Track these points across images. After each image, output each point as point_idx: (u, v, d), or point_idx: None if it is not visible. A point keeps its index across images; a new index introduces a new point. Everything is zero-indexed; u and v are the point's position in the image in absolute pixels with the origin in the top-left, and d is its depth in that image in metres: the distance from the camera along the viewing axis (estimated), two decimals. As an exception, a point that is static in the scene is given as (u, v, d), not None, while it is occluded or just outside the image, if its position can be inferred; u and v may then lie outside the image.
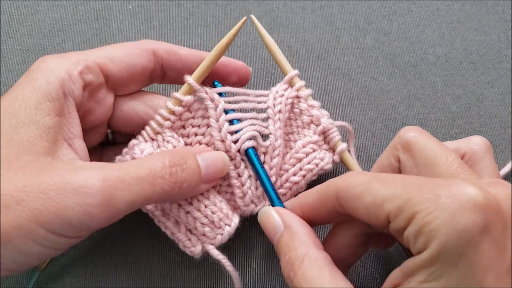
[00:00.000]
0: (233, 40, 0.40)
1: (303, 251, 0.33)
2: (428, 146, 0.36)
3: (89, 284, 0.43)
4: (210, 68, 0.40)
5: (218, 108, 0.40)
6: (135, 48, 0.40)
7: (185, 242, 0.39)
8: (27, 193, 0.29)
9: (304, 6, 0.53)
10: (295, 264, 0.33)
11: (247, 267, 0.44)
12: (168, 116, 0.40)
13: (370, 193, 0.32)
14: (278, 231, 0.36)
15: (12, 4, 0.53)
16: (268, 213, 0.37)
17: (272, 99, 0.42)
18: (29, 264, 0.33)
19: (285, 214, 0.37)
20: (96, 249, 0.44)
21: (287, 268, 0.33)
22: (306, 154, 0.42)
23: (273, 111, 0.42)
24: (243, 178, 0.41)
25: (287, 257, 0.34)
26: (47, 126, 0.33)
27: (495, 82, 0.50)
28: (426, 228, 0.28)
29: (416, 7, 0.53)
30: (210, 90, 0.41)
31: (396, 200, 0.30)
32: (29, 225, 0.29)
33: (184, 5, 0.53)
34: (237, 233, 0.40)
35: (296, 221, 0.36)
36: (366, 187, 0.32)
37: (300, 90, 0.43)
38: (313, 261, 0.32)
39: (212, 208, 0.39)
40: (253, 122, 0.42)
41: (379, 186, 0.31)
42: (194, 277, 0.43)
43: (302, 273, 0.32)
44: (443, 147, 0.35)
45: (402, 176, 0.32)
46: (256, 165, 0.41)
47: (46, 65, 0.35)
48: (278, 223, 0.36)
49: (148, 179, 0.33)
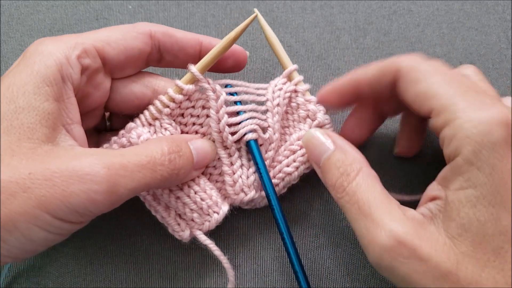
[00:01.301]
0: (241, 34, 0.40)
1: (359, 166, 0.36)
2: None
3: (89, 284, 0.43)
4: (215, 60, 0.40)
5: (220, 100, 0.41)
6: (132, 31, 0.39)
7: (174, 227, 0.40)
8: (33, 180, 0.30)
9: (304, 6, 0.53)
10: (351, 175, 0.35)
11: (239, 259, 0.44)
12: (167, 103, 0.40)
13: (426, 82, 0.34)
14: (327, 150, 0.38)
15: (12, 4, 0.53)
16: (315, 134, 0.39)
17: (271, 92, 0.43)
18: (34, 251, 0.33)
19: (335, 135, 0.39)
20: (95, 249, 0.44)
21: (340, 179, 0.35)
22: (300, 147, 0.42)
23: (272, 104, 0.42)
24: (235, 167, 0.41)
25: (341, 170, 0.36)
26: (47, 112, 0.33)
27: (495, 82, 0.50)
28: (462, 134, 0.31)
29: (416, 7, 0.53)
30: (212, 82, 0.41)
31: (444, 99, 0.33)
32: (35, 211, 0.30)
33: (184, 5, 0.53)
34: (230, 226, 0.40)
35: (346, 142, 0.38)
36: (425, 76, 0.35)
37: (298, 85, 0.43)
38: (367, 175, 0.35)
39: (201, 195, 0.40)
40: (253, 115, 0.42)
41: (437, 80, 0.34)
42: (194, 277, 0.43)
43: (357, 183, 0.35)
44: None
45: (460, 80, 0.35)
46: (257, 157, 0.41)
47: (43, 48, 0.35)
48: (328, 143, 0.38)
49: (149, 166, 0.34)
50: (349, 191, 0.34)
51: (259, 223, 0.45)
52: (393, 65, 0.37)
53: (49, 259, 0.44)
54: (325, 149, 0.38)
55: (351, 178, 0.35)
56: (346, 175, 0.35)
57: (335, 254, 0.44)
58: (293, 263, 0.39)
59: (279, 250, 0.44)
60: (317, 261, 0.44)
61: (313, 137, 0.39)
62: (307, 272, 0.40)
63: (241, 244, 0.44)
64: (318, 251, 0.44)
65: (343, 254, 0.44)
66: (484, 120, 0.31)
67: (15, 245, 0.31)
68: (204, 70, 0.40)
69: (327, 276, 0.44)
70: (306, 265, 0.44)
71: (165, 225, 0.40)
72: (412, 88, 0.35)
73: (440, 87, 0.34)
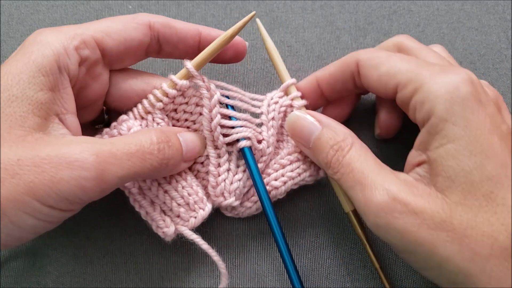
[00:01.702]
0: (238, 33, 0.40)
1: (351, 140, 0.37)
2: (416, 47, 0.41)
3: (89, 284, 0.43)
4: (212, 57, 0.40)
5: (213, 99, 0.40)
6: (132, 21, 0.39)
7: (159, 222, 0.39)
8: (21, 166, 0.30)
9: (304, 6, 0.53)
10: (345, 149, 0.37)
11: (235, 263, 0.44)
12: (161, 97, 0.40)
13: (387, 64, 0.37)
14: (315, 130, 0.39)
15: (12, 4, 0.53)
16: (300, 115, 0.40)
17: (267, 105, 0.42)
18: (23, 238, 0.33)
19: (318, 114, 0.40)
20: (95, 249, 0.44)
21: (335, 155, 0.37)
22: (290, 162, 0.42)
23: (266, 117, 0.42)
24: (221, 169, 0.41)
25: (335, 147, 0.37)
26: (40, 102, 0.33)
27: (495, 82, 0.50)
28: (432, 95, 0.33)
29: (416, 7, 0.53)
30: (207, 80, 0.41)
31: (408, 73, 0.35)
32: (24, 198, 0.30)
33: (184, 5, 0.53)
34: (224, 231, 0.40)
35: (332, 120, 0.39)
36: (384, 60, 0.37)
37: (295, 100, 0.43)
38: (359, 147, 0.37)
39: (188, 190, 0.40)
40: (247, 124, 0.41)
41: (396, 60, 0.37)
42: (194, 277, 0.43)
43: (350, 155, 0.36)
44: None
45: (417, 59, 0.37)
46: (251, 164, 0.41)
47: (41, 38, 0.35)
48: (314, 123, 0.39)
49: (138, 155, 0.34)
50: (344, 163, 0.36)
51: (254, 228, 0.45)
52: (351, 59, 0.40)
53: (49, 259, 0.44)
54: (313, 129, 0.39)
55: (345, 152, 0.36)
56: (340, 149, 0.37)
57: (335, 254, 0.44)
58: (287, 268, 0.39)
59: (275, 258, 0.44)
60: (317, 261, 0.44)
61: (298, 118, 0.40)
62: (307, 272, 0.40)
63: (236, 249, 0.44)
64: (318, 251, 0.44)
65: (343, 254, 0.44)
66: (450, 81, 0.33)
67: (3, 231, 0.31)
68: (200, 67, 0.40)
69: (327, 276, 0.44)
70: (306, 265, 0.44)
71: (148, 222, 0.40)
72: (374, 72, 0.38)
73: (401, 65, 0.36)
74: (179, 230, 0.40)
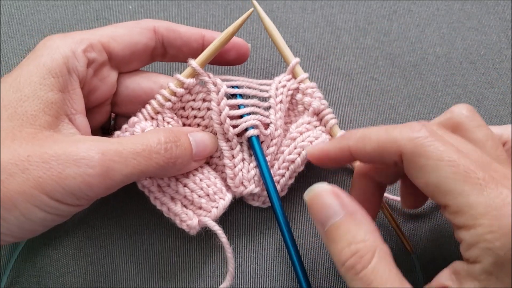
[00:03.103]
0: (239, 29, 0.41)
1: (373, 244, 0.31)
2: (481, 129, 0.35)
3: (89, 284, 0.43)
4: (215, 54, 0.41)
5: (220, 92, 0.41)
6: (136, 27, 0.41)
7: (182, 216, 0.40)
8: (31, 162, 0.32)
9: (304, 6, 0.53)
10: (365, 258, 0.30)
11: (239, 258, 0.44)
12: (169, 96, 0.41)
13: (435, 174, 0.31)
14: (335, 216, 0.32)
15: (12, 4, 0.53)
16: (322, 192, 0.34)
17: (274, 89, 0.43)
18: (34, 231, 0.35)
19: (345, 197, 0.33)
20: (95, 249, 0.44)
21: (351, 260, 0.31)
22: (300, 133, 0.43)
23: (274, 101, 0.43)
24: (236, 160, 0.42)
25: (352, 248, 0.31)
26: (50, 101, 0.35)
27: (495, 82, 0.50)
28: (484, 245, 0.29)
29: (416, 7, 0.53)
30: (213, 75, 0.42)
31: (460, 199, 0.30)
32: (33, 191, 0.31)
33: (184, 5, 0.53)
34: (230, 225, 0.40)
35: (359, 208, 0.33)
36: (433, 166, 0.31)
37: (302, 83, 0.44)
38: (383, 256, 0.31)
39: (206, 181, 0.41)
40: (255, 110, 0.42)
41: (446, 173, 0.30)
42: (194, 277, 0.43)
43: (373, 268, 0.30)
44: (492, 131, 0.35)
45: (468, 164, 0.30)
46: (258, 154, 0.42)
47: (51, 43, 0.37)
48: (336, 207, 0.32)
49: (144, 154, 0.35)
50: (363, 278, 0.30)
51: (260, 222, 0.45)
52: (394, 146, 0.33)
53: (49, 259, 0.44)
54: (332, 214, 0.32)
55: (366, 261, 0.30)
56: (360, 256, 0.30)
57: (335, 254, 0.44)
58: (294, 263, 0.39)
59: (280, 250, 0.44)
60: (318, 261, 0.44)
61: (320, 193, 0.34)
62: (307, 272, 0.40)
63: (242, 243, 0.44)
64: (319, 250, 0.44)
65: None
66: (506, 230, 0.28)
67: (15, 223, 0.32)
68: (204, 64, 0.41)
69: (327, 276, 0.44)
70: (306, 264, 0.44)
71: (171, 218, 0.40)
72: (422, 178, 0.32)
73: (452, 183, 0.30)
74: (202, 222, 0.40)
